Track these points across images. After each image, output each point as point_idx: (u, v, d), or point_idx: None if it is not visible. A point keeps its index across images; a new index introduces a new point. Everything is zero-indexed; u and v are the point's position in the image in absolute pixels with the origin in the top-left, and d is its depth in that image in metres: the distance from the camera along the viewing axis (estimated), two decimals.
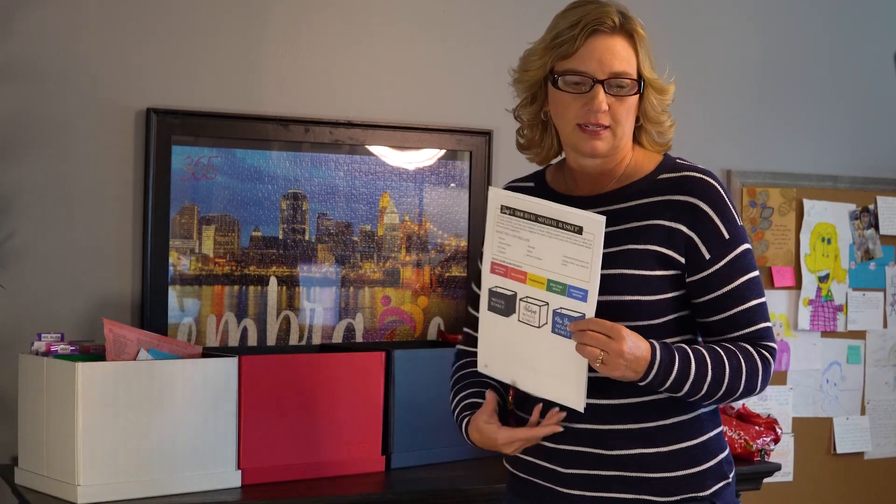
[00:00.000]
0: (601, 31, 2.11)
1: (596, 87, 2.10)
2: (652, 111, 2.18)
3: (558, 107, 2.15)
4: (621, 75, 2.11)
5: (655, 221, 2.13)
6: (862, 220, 4.14)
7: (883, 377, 4.19)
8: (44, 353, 2.77)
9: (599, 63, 2.10)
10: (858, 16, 4.18)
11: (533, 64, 2.18)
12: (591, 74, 2.10)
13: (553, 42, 2.13)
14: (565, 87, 2.12)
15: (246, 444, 2.83)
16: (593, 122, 2.11)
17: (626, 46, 2.12)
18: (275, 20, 3.29)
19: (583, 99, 2.11)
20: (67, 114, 3.07)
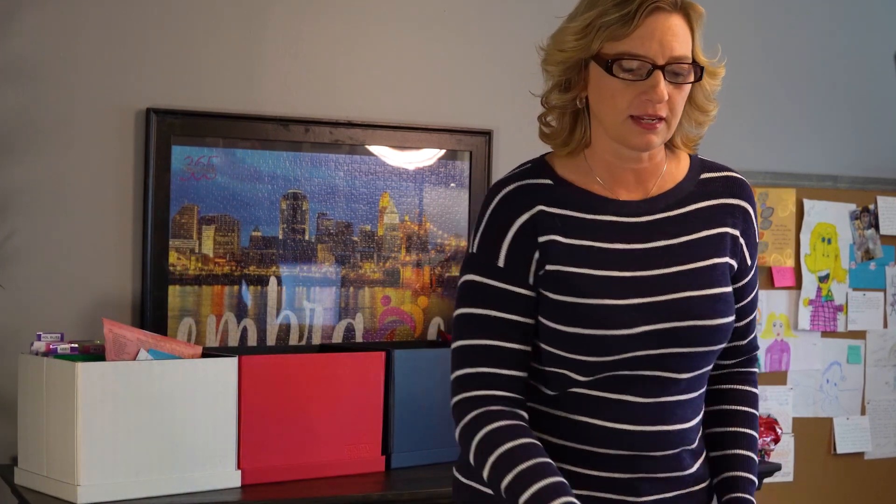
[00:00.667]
0: (662, 9, 1.82)
1: (655, 74, 1.81)
2: (702, 97, 1.93)
3: (605, 95, 1.85)
4: (681, 59, 1.83)
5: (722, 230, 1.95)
6: (862, 220, 4.14)
7: (883, 377, 4.19)
8: (43, 353, 2.77)
9: (660, 45, 1.82)
10: (858, 16, 4.18)
11: (570, 43, 1.87)
12: (652, 59, 1.81)
13: (601, 19, 1.83)
14: (620, 74, 1.82)
15: (246, 444, 2.83)
16: (650, 114, 1.83)
17: (684, 26, 1.85)
18: (275, 20, 3.29)
19: (638, 87, 1.82)
20: (67, 114, 3.07)
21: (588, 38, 1.85)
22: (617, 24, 1.82)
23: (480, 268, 1.90)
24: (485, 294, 1.89)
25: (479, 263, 1.90)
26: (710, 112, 1.96)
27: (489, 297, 1.88)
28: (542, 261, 1.88)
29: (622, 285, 1.87)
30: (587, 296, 1.86)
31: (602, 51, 1.84)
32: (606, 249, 1.89)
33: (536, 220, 1.89)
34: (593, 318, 1.85)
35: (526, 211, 1.90)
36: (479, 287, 1.89)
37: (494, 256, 1.89)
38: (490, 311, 1.88)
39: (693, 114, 1.94)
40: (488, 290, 1.89)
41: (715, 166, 2.02)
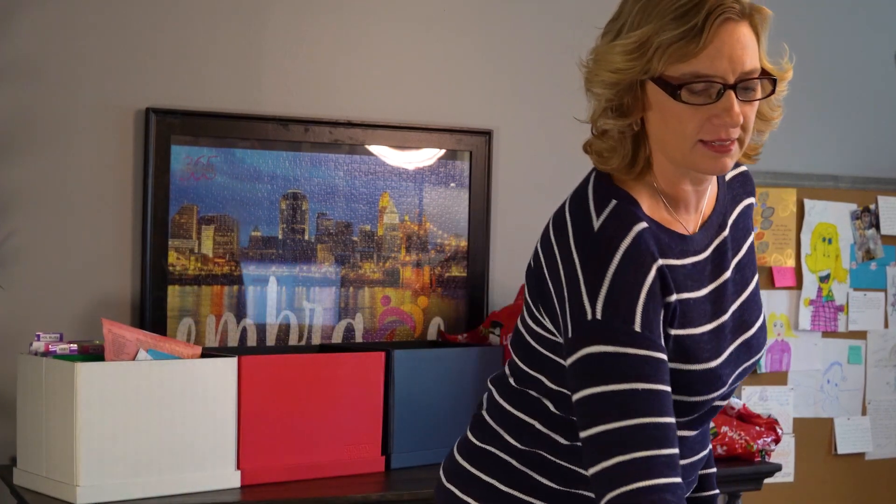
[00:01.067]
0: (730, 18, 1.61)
1: (728, 96, 1.61)
2: (767, 107, 1.75)
3: (670, 120, 1.63)
4: (752, 74, 1.64)
5: (751, 237, 1.85)
6: (863, 219, 4.13)
7: (884, 377, 4.18)
8: (43, 353, 2.76)
9: (730, 61, 1.61)
10: (859, 16, 4.17)
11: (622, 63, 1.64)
12: (722, 78, 1.60)
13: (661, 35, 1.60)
14: (688, 99, 1.60)
15: (245, 444, 2.82)
16: (724, 138, 1.63)
17: (751, 34, 1.64)
18: (275, 20, 3.28)
19: (709, 110, 1.61)
20: (67, 114, 3.06)
21: (645, 58, 1.62)
22: (681, 41, 1.59)
23: (613, 337, 1.60)
24: (625, 366, 1.59)
25: (609, 331, 1.60)
26: (775, 120, 1.79)
27: (631, 369, 1.58)
28: (665, 324, 1.67)
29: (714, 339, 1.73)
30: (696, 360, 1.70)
31: (667, 73, 1.61)
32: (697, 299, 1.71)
33: (661, 277, 1.65)
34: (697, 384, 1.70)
35: (651, 265, 1.64)
36: (616, 359, 1.59)
37: (629, 321, 1.60)
38: (635, 384, 1.58)
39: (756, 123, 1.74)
40: (629, 360, 1.59)
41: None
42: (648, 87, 1.65)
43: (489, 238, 3.53)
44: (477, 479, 1.87)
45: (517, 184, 3.59)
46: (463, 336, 3.41)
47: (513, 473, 1.84)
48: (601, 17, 1.87)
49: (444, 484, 1.94)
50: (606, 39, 1.69)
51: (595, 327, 1.60)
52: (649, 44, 1.61)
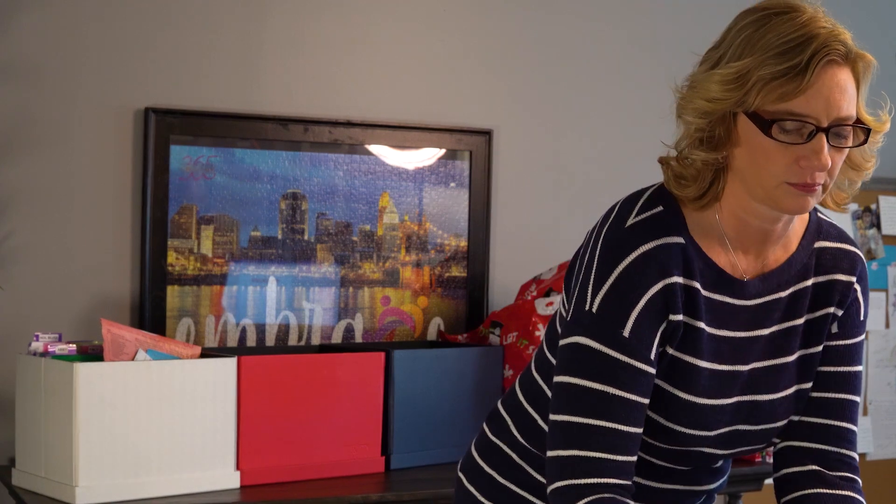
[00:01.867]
0: (834, 61, 1.59)
1: (819, 138, 1.57)
2: (861, 157, 1.71)
3: (758, 156, 1.60)
4: (846, 121, 1.60)
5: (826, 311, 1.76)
6: (864, 220, 4.13)
7: (885, 378, 4.18)
8: (41, 353, 2.76)
9: (826, 104, 1.57)
10: (859, 15, 4.16)
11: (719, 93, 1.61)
12: (816, 120, 1.57)
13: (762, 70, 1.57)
14: (779, 136, 1.58)
15: (245, 444, 2.82)
16: (809, 182, 1.59)
17: (852, 80, 1.62)
18: (274, 20, 3.28)
19: (798, 151, 1.58)
20: (66, 113, 3.06)
21: (743, 91, 1.59)
22: (783, 77, 1.56)
23: (601, 334, 1.63)
24: (604, 366, 1.63)
25: (599, 328, 1.63)
26: (867, 170, 1.73)
27: (609, 371, 1.62)
28: (664, 339, 1.67)
29: (717, 381, 1.70)
30: (684, 389, 1.69)
31: (760, 107, 1.58)
32: (714, 336, 1.70)
33: (667, 293, 1.64)
34: (678, 413, 1.70)
35: (661, 279, 1.64)
36: (597, 357, 1.63)
37: (620, 324, 1.63)
38: (608, 387, 1.62)
39: (846, 171, 1.70)
40: (608, 361, 1.63)
41: (831, 234, 1.81)
42: (740, 120, 1.62)
43: (489, 238, 3.52)
44: (481, 470, 1.92)
45: (517, 184, 3.59)
46: (463, 336, 3.40)
47: (511, 467, 1.88)
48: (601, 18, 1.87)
49: (458, 473, 1.99)
50: (705, 67, 1.66)
51: (590, 320, 1.64)
52: (749, 76, 1.58)
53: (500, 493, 1.89)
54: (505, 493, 1.89)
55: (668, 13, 3.84)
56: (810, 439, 1.81)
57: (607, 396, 1.62)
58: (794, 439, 1.81)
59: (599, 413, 1.62)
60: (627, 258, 1.63)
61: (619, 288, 1.63)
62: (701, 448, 1.75)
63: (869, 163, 1.72)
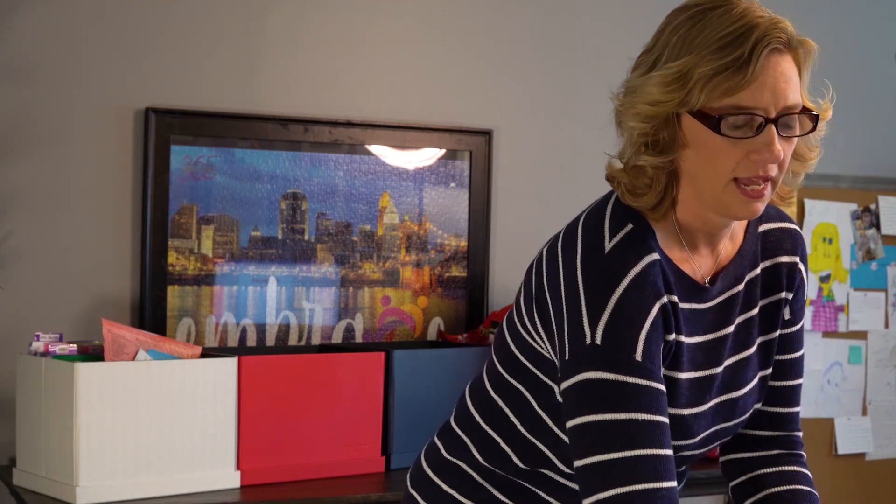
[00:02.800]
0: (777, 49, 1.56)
1: (769, 130, 1.54)
2: (805, 146, 1.69)
3: (706, 155, 1.56)
4: (793, 109, 1.57)
5: (778, 296, 1.76)
6: (863, 219, 4.13)
7: (884, 378, 4.18)
8: (42, 353, 2.76)
9: (773, 94, 1.54)
10: (859, 15, 4.17)
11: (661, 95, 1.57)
12: (764, 111, 1.54)
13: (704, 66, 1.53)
14: (729, 132, 1.53)
15: (245, 444, 2.82)
16: (761, 176, 1.56)
17: (794, 69, 1.60)
18: (274, 20, 3.28)
19: (747, 145, 1.54)
20: (66, 113, 3.06)
21: (685, 90, 1.55)
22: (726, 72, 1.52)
23: (612, 363, 1.55)
24: (624, 395, 1.55)
25: (608, 358, 1.55)
26: (811, 161, 1.71)
27: (630, 399, 1.54)
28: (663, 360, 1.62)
29: (698, 388, 1.68)
30: (671, 404, 1.64)
31: (706, 104, 1.54)
32: (688, 345, 1.66)
33: (665, 311, 1.60)
34: None
35: (658, 298, 1.59)
36: (615, 387, 1.55)
37: (631, 349, 1.55)
38: (635, 414, 1.54)
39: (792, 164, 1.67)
40: (627, 389, 1.55)
41: (771, 215, 1.79)
42: (685, 121, 1.57)
43: (489, 238, 3.52)
44: (438, 488, 1.87)
45: (517, 184, 3.59)
46: (463, 336, 3.40)
47: (475, 487, 1.82)
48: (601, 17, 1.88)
49: (409, 489, 1.93)
50: (640, 71, 1.62)
51: (594, 352, 1.55)
52: (690, 75, 1.54)
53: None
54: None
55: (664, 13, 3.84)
56: (765, 428, 1.82)
57: (636, 423, 1.54)
58: (749, 429, 1.81)
59: (633, 443, 1.53)
60: (622, 283, 1.57)
61: (620, 314, 1.55)
62: (681, 453, 1.70)
63: (813, 152, 1.70)
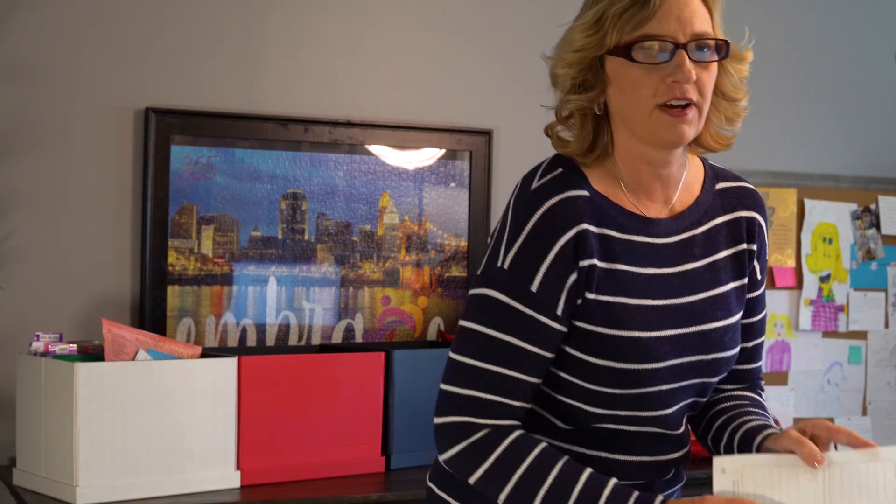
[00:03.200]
0: None
1: (679, 53, 1.69)
2: (730, 84, 1.80)
3: (627, 87, 1.72)
4: (704, 35, 1.72)
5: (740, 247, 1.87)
6: (863, 219, 4.13)
7: (884, 378, 4.18)
8: (42, 353, 2.76)
9: (679, 22, 1.70)
10: (859, 15, 4.17)
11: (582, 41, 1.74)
12: (672, 37, 1.69)
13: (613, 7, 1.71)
14: (641, 58, 1.69)
15: (245, 444, 2.82)
16: (679, 97, 1.70)
17: (701, 4, 1.75)
18: (274, 20, 3.28)
19: (662, 70, 1.69)
20: (67, 113, 3.06)
21: (601, 32, 1.72)
22: (631, 8, 1.69)
23: (509, 287, 1.73)
24: (508, 318, 1.72)
25: (507, 282, 1.73)
26: (740, 101, 1.83)
27: (513, 323, 1.72)
28: (578, 287, 1.73)
29: (656, 315, 1.78)
30: (622, 327, 1.75)
31: (618, 41, 1.71)
32: (639, 275, 1.77)
33: (578, 240, 1.72)
34: (626, 351, 1.75)
35: (569, 229, 1.72)
36: (503, 308, 1.73)
37: (528, 279, 1.72)
38: (511, 337, 1.72)
39: (722, 105, 1.81)
40: (514, 314, 1.72)
41: (727, 175, 1.94)
42: (607, 62, 1.74)
43: (489, 238, 3.52)
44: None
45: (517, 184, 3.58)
46: None
47: None
48: None
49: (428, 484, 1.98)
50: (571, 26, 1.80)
51: (499, 275, 1.74)
52: (605, 17, 1.71)
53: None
54: None
55: None
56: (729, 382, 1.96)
57: (510, 346, 1.72)
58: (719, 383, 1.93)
59: (501, 360, 1.72)
60: (535, 215, 1.73)
61: (529, 244, 1.73)
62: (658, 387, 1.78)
63: (740, 92, 1.82)
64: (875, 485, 1.73)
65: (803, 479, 1.72)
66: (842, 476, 1.72)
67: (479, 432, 1.72)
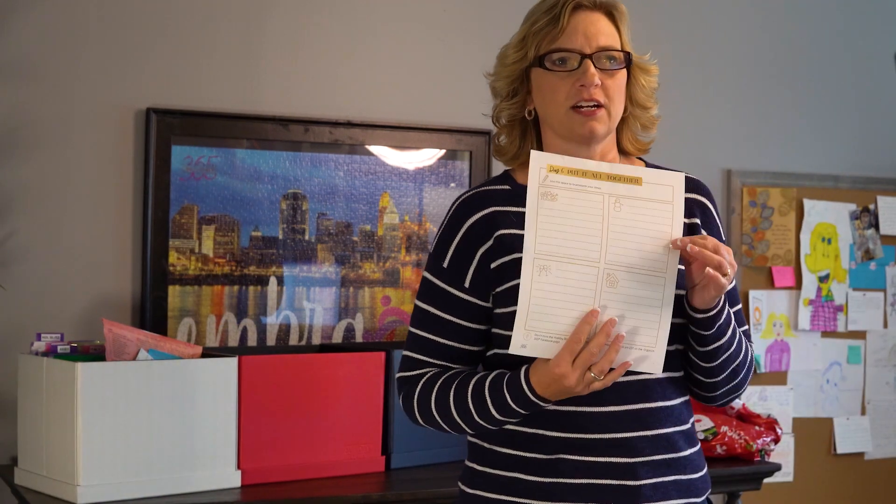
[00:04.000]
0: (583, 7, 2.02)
1: (585, 62, 1.99)
2: (640, 93, 2.07)
3: (546, 92, 2.02)
4: (608, 48, 2.01)
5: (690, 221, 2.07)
6: (862, 219, 4.14)
7: (883, 377, 4.18)
8: (43, 353, 2.76)
9: (585, 37, 2.00)
10: (859, 15, 4.18)
11: (512, 57, 2.07)
12: (579, 49, 1.99)
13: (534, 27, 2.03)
14: (553, 67, 2.00)
15: (246, 444, 2.83)
16: (586, 98, 1.98)
17: (608, 23, 2.03)
18: (275, 20, 3.29)
19: (573, 76, 1.99)
20: (67, 114, 3.07)
21: (525, 48, 2.04)
22: (546, 27, 2.01)
23: (431, 266, 2.07)
24: (431, 292, 2.06)
25: (431, 262, 2.07)
26: (651, 110, 2.09)
27: (434, 296, 2.06)
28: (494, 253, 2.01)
29: None
30: None
31: (537, 54, 2.02)
32: None
33: (490, 218, 2.03)
34: None
35: (479, 211, 2.04)
36: (427, 284, 2.07)
37: (442, 257, 2.05)
38: (432, 308, 2.06)
39: (636, 113, 2.08)
40: (433, 287, 2.06)
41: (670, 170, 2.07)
42: (532, 73, 2.04)
43: None
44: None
45: None
46: None
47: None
48: None
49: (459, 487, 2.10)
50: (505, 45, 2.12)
51: (430, 258, 2.09)
52: (528, 35, 2.04)
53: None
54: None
55: (666, 14, 3.85)
56: None
57: (429, 314, 2.05)
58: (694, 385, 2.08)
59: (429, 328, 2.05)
60: (452, 206, 2.08)
61: (444, 229, 2.07)
62: None
63: (650, 100, 2.08)
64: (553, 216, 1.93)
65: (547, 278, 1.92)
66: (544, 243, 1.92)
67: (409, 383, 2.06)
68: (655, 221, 1.92)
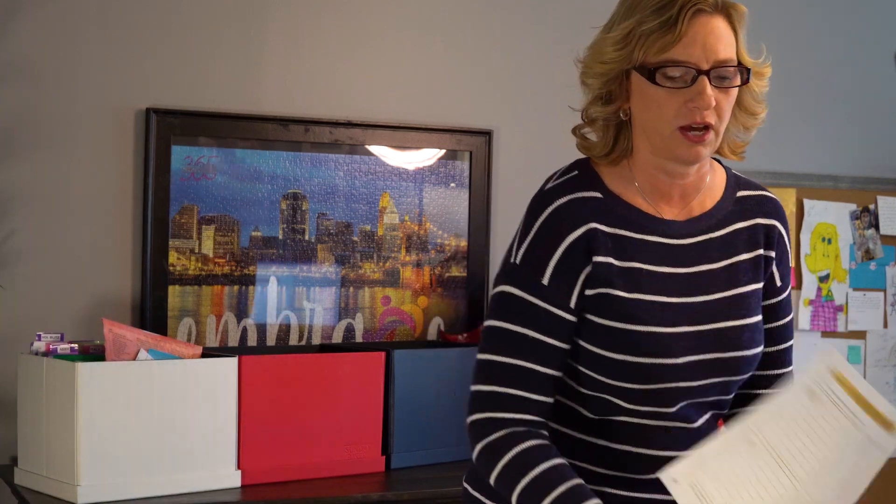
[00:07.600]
0: (703, 11, 1.76)
1: (701, 80, 1.75)
2: (750, 100, 1.86)
3: (650, 105, 1.78)
4: (726, 63, 1.77)
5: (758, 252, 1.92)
6: (862, 219, 4.14)
7: (883, 377, 4.18)
8: (43, 353, 2.76)
9: (703, 49, 1.75)
10: (858, 16, 4.18)
11: (610, 54, 1.80)
12: (695, 64, 1.75)
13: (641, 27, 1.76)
14: (664, 82, 1.76)
15: (246, 444, 2.83)
16: (698, 122, 1.76)
17: (727, 27, 1.79)
18: (275, 20, 3.29)
19: (684, 94, 1.76)
20: (67, 114, 3.07)
21: (629, 48, 1.78)
22: (658, 31, 1.75)
23: (522, 282, 1.82)
24: (523, 311, 1.81)
25: (521, 277, 1.82)
26: (759, 115, 1.89)
27: (527, 315, 1.81)
28: (591, 282, 1.81)
29: (671, 312, 1.83)
30: (637, 322, 1.81)
31: (644, 60, 1.77)
32: (655, 273, 1.84)
33: (590, 237, 1.81)
34: (642, 346, 1.80)
35: (578, 227, 1.82)
36: (518, 302, 1.81)
37: (540, 273, 1.81)
38: (527, 329, 1.80)
39: (741, 117, 1.88)
40: (528, 307, 1.81)
41: (750, 184, 1.98)
42: (633, 76, 1.80)
43: (489, 238, 3.53)
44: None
45: (517, 184, 3.59)
46: (463, 336, 3.41)
47: None
48: (600, 17, 1.90)
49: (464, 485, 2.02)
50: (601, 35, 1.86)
51: (514, 271, 1.83)
52: (633, 35, 1.77)
53: None
54: None
55: None
56: (760, 388, 1.98)
57: (526, 338, 1.80)
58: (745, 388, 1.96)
59: (518, 354, 1.80)
60: (544, 214, 1.83)
61: (538, 240, 1.82)
62: (675, 383, 1.83)
63: (759, 106, 1.88)
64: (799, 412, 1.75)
65: (745, 452, 1.74)
66: (771, 426, 1.75)
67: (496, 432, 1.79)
68: None
